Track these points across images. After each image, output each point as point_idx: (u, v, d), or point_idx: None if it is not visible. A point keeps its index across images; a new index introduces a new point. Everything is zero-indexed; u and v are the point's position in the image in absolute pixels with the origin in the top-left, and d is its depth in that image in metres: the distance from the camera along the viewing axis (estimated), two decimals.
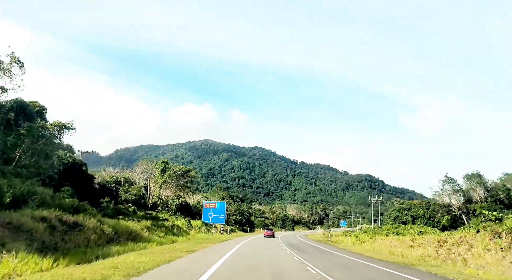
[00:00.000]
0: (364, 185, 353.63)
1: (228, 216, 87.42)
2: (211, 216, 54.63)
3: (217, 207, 55.28)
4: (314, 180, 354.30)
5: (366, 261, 21.84)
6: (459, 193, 71.57)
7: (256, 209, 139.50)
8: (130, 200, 53.28)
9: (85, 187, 38.21)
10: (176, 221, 44.40)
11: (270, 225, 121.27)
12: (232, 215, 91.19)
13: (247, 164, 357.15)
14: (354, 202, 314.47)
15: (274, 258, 20.87)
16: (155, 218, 37.39)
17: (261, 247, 29.24)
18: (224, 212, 55.49)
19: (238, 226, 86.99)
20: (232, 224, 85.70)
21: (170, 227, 36.37)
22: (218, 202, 58.65)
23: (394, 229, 46.48)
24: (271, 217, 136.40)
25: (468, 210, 70.20)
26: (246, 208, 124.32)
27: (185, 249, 22.64)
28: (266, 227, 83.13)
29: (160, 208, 59.45)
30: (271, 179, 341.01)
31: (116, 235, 23.44)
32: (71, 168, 37.90)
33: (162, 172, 63.65)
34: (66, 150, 39.63)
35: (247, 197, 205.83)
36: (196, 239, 34.47)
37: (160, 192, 62.01)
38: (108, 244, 21.26)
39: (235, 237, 53.27)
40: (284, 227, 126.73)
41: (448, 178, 72.23)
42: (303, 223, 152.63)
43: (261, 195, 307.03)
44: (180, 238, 33.85)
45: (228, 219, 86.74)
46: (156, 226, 32.72)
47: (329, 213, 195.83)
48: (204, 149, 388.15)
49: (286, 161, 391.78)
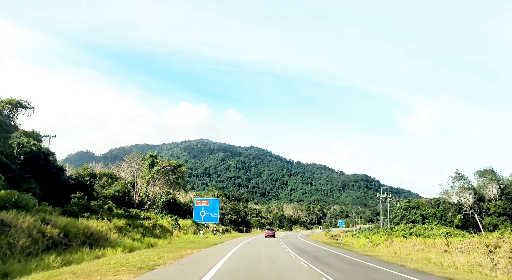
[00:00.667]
0: (360, 184, 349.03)
1: (222, 215, 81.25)
2: (203, 214, 48.41)
3: (210, 204, 49.04)
4: (310, 180, 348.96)
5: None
6: (470, 190, 65.75)
7: (253, 208, 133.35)
8: (114, 196, 46.93)
9: (52, 179, 31.83)
10: (161, 220, 37.98)
11: (267, 224, 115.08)
12: (227, 214, 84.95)
13: (243, 163, 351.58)
14: (350, 201, 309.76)
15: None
16: (134, 217, 31.05)
17: (262, 255, 22.43)
18: (217, 210, 49.33)
19: (234, 226, 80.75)
20: (227, 224, 79.49)
21: (151, 227, 30.06)
22: (210, 199, 52.38)
23: (410, 229, 40.45)
24: (268, 217, 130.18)
25: (481, 208, 64.41)
26: (242, 207, 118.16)
27: (147, 260, 15.34)
28: (267, 227, 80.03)
29: (147, 206, 53.05)
30: (267, 179, 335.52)
31: (67, 239, 17.19)
32: (34, 157, 31.52)
33: (149, 166, 57.23)
34: (30, 136, 33.22)
35: (243, 196, 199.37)
36: (179, 242, 27.67)
37: (147, 189, 55.62)
38: (49, 251, 15.01)
39: (229, 238, 46.81)
40: (282, 227, 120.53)
41: (459, 174, 66.40)
42: (301, 222, 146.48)
43: (257, 195, 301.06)
44: (161, 240, 27.51)
45: (223, 218, 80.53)
46: (132, 226, 26.41)
47: (327, 212, 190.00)
48: (199, 148, 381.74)
49: (282, 160, 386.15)
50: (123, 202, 47.69)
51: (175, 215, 49.24)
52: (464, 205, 65.27)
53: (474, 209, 63.95)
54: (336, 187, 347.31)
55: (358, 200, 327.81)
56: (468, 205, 64.91)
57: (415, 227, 41.59)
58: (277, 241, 47.38)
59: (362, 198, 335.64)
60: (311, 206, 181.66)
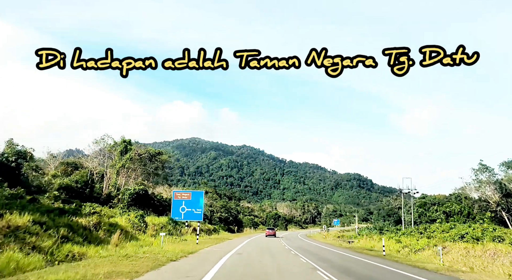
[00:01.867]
0: (352, 184, 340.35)
1: (211, 213, 70.22)
2: (184, 210, 37.40)
3: (192, 198, 38.04)
4: (303, 179, 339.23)
5: None
6: (495, 184, 55.66)
7: (245, 207, 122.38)
8: (69, 187, 35.77)
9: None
10: (120, 217, 26.93)
11: (261, 223, 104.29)
12: (217, 211, 73.89)
13: (235, 162, 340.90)
14: (343, 201, 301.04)
15: None
16: (62, 211, 19.92)
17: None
18: (201, 206, 38.33)
19: (224, 225, 69.70)
20: (216, 222, 68.51)
21: (93, 228, 19.01)
22: (193, 192, 41.16)
23: (450, 229, 29.88)
24: (261, 216, 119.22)
25: (509, 205, 54.35)
26: (234, 205, 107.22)
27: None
28: (267, 227, 73.92)
29: (116, 200, 41.87)
30: (259, 178, 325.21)
31: None
32: None
33: (121, 154, 46.10)
34: None
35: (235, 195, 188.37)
36: (121, 255, 15.91)
37: (117, 180, 44.49)
38: None
39: (214, 242, 35.30)
40: (276, 225, 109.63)
41: (483, 165, 56.23)
42: (295, 221, 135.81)
43: (249, 194, 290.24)
44: (99, 248, 16.47)
45: (212, 216, 69.54)
46: (48, 226, 15.41)
47: (321, 211, 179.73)
48: (191, 147, 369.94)
49: (274, 159, 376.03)
50: (81, 194, 36.49)
51: (149, 210, 38.34)
52: (490, 201, 55.17)
53: (501, 205, 53.89)
54: (328, 186, 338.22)
55: (351, 199, 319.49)
56: (494, 201, 54.81)
57: (459, 227, 31.06)
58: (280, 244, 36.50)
59: (354, 197, 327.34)
60: (306, 204, 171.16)
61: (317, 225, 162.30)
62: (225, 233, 57.10)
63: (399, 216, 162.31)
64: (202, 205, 38.51)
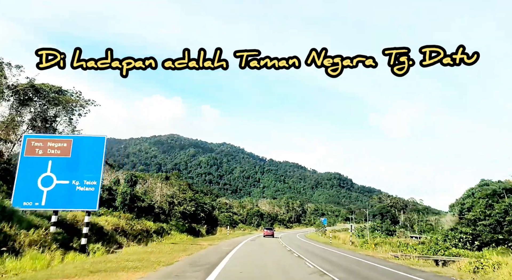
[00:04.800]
0: (333, 183, 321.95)
1: (171, 205, 45.93)
2: (49, 185, 13.74)
3: (75, 152, 14.44)
4: (283, 178, 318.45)
5: None
6: None
7: (222, 203, 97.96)
8: None
9: None
10: None
11: (240, 222, 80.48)
12: (180, 204, 49.52)
13: (215, 160, 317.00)
14: (323, 200, 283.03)
15: None
16: None
17: None
18: (99, 171, 14.69)
19: (187, 223, 45.47)
20: (178, 219, 44.53)
21: None
22: (75, 137, 16.87)
23: None
24: (241, 213, 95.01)
25: None
26: (209, 200, 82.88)
27: None
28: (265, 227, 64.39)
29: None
30: (239, 176, 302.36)
31: None
32: None
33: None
34: None
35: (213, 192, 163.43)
36: None
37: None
38: None
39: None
40: (259, 225, 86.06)
41: None
42: (279, 220, 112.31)
43: (228, 192, 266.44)
44: None
45: (171, 209, 45.43)
46: None
47: (307, 209, 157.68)
48: (170, 143, 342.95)
49: (254, 158, 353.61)
50: None
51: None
52: None
53: None
54: (309, 185, 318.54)
55: (331, 198, 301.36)
56: None
57: None
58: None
59: (335, 196, 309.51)
60: (290, 202, 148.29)
61: (303, 224, 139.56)
62: (181, 237, 32.41)
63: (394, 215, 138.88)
64: (100, 169, 14.72)
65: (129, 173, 40.33)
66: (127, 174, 38.36)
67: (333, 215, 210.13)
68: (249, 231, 74.42)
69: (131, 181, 37.06)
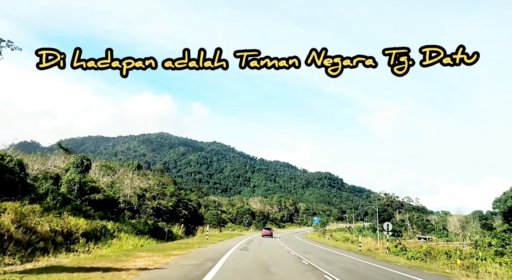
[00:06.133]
0: (323, 182, 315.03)
1: (141, 198, 35.31)
2: None
3: None
4: (274, 177, 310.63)
5: None
6: None
7: (211, 200, 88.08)
8: None
9: None
10: None
11: (229, 221, 70.66)
12: (155, 198, 39.28)
13: (205, 158, 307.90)
14: (314, 199, 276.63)
15: None
16: None
17: None
18: None
19: (154, 222, 34.51)
20: (149, 216, 34.19)
21: None
22: None
23: None
24: (231, 211, 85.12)
25: None
26: (195, 196, 73.28)
27: None
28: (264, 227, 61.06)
29: None
30: (229, 175, 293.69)
31: None
32: None
33: None
34: None
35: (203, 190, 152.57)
36: None
37: None
38: None
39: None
40: (250, 224, 76.06)
41: None
42: (271, 219, 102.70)
43: (218, 191, 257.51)
44: None
45: (141, 204, 34.98)
46: None
47: (299, 208, 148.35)
48: (159, 142, 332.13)
49: (245, 157, 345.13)
50: None
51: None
52: None
53: None
54: (299, 184, 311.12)
55: (322, 198, 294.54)
56: None
57: None
58: None
59: (325, 196, 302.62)
60: (283, 200, 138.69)
61: (295, 223, 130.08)
62: (134, 242, 21.24)
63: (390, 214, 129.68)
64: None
65: (78, 155, 29.84)
66: (76, 157, 28.09)
67: (325, 214, 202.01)
68: (238, 231, 64.54)
69: (81, 166, 26.93)
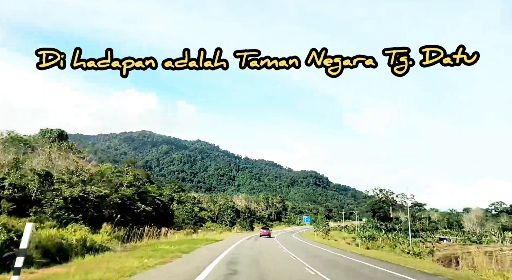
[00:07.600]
0: (309, 181, 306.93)
1: (45, 183, 22.24)
2: None
3: None
4: (259, 176, 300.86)
5: None
6: None
7: (189, 196, 74.85)
8: None
9: None
10: None
11: (209, 219, 58.06)
12: (84, 184, 26.20)
13: (189, 157, 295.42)
14: (299, 198, 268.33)
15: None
16: None
17: None
18: None
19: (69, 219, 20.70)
20: (56, 210, 21.02)
21: None
22: None
23: None
24: (212, 209, 72.20)
25: None
26: (169, 191, 60.46)
27: None
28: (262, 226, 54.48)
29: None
30: (213, 173, 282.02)
31: None
32: None
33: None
34: None
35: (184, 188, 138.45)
36: None
37: None
38: None
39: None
40: (234, 222, 63.54)
41: None
42: (258, 217, 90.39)
43: (202, 190, 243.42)
44: None
45: (46, 192, 21.98)
46: None
47: (287, 206, 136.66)
48: (141, 140, 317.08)
49: (230, 155, 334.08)
50: None
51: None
52: None
53: None
54: (284, 183, 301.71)
55: (307, 196, 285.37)
56: None
57: None
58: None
59: (311, 194, 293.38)
60: (270, 197, 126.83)
61: (284, 222, 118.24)
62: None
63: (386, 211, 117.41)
64: None
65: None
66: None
67: (311, 213, 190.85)
68: (218, 231, 51.38)
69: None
